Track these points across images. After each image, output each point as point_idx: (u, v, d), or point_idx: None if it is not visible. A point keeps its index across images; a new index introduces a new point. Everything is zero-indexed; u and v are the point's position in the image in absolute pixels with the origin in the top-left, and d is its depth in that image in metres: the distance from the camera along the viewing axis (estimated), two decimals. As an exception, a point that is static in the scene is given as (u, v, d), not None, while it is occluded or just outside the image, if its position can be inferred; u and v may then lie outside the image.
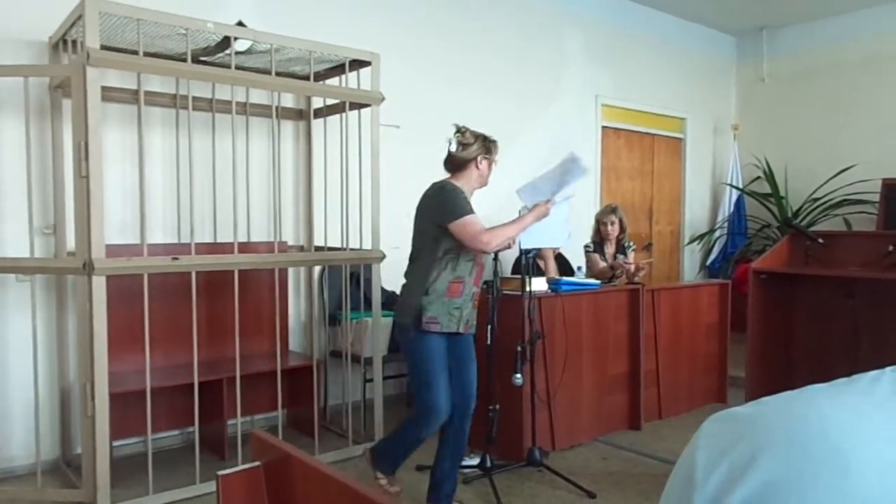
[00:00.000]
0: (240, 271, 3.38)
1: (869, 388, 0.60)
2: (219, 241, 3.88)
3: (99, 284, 2.87)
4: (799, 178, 6.73)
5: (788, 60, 7.11)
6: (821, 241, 3.67)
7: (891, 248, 3.08)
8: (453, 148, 3.20)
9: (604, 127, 6.28)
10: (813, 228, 5.54)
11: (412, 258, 3.11)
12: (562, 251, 4.92)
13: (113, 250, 3.11)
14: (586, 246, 4.88)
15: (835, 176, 6.36)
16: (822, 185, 6.43)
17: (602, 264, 4.71)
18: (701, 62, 7.22)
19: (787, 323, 3.83)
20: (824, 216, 6.43)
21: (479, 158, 3.16)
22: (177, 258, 3.14)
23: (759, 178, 6.98)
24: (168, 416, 3.75)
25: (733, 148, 7.13)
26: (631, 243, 4.87)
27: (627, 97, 6.46)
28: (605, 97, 6.24)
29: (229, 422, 3.72)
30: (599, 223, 4.82)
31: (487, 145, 3.22)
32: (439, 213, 3.01)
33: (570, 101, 5.99)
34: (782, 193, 6.74)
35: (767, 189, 6.84)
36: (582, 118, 6.11)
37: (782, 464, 0.57)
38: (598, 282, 4.25)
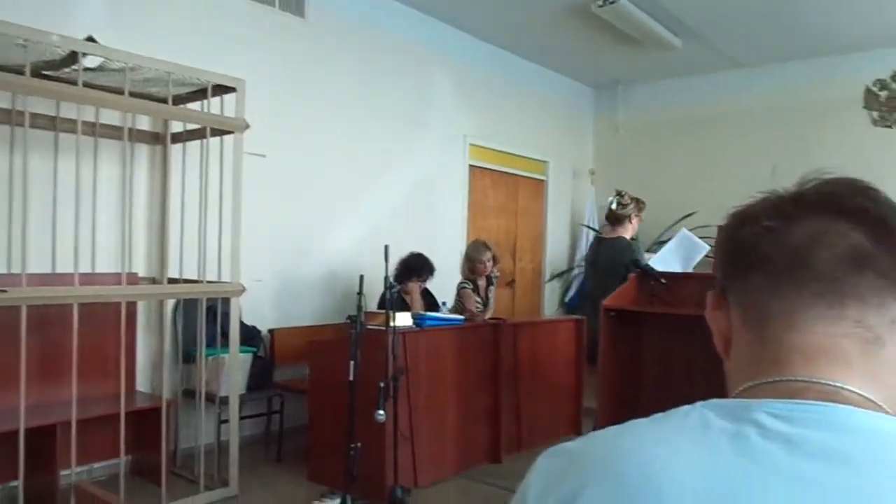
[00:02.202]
0: (82, 305, 3.11)
1: (681, 423, 0.63)
2: (58, 271, 3.55)
3: None
4: (648, 223, 7.21)
5: (641, 114, 7.69)
6: (664, 281, 3.98)
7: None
8: (614, 206, 4.52)
9: (471, 166, 6.45)
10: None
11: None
12: (428, 286, 4.97)
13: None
14: (462, 283, 4.96)
15: (679, 221, 6.89)
16: (668, 229, 6.94)
17: (476, 299, 4.82)
18: (563, 109, 7.65)
19: (635, 357, 4.07)
20: (670, 258, 6.93)
21: (632, 216, 4.53)
22: (3, 290, 2.84)
23: (613, 220, 7.45)
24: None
25: (590, 191, 7.56)
26: (497, 273, 5.02)
27: (494, 138, 6.70)
28: (472, 137, 6.44)
29: (63, 472, 3.36)
30: (475, 262, 4.90)
31: (640, 206, 4.59)
32: (630, 258, 4.30)
33: (439, 138, 6.12)
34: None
35: (620, 231, 7.31)
36: (450, 156, 6.25)
37: (604, 495, 0.59)
38: (461, 317, 4.31)
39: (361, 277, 3.55)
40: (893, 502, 0.52)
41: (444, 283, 5.14)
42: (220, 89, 3.70)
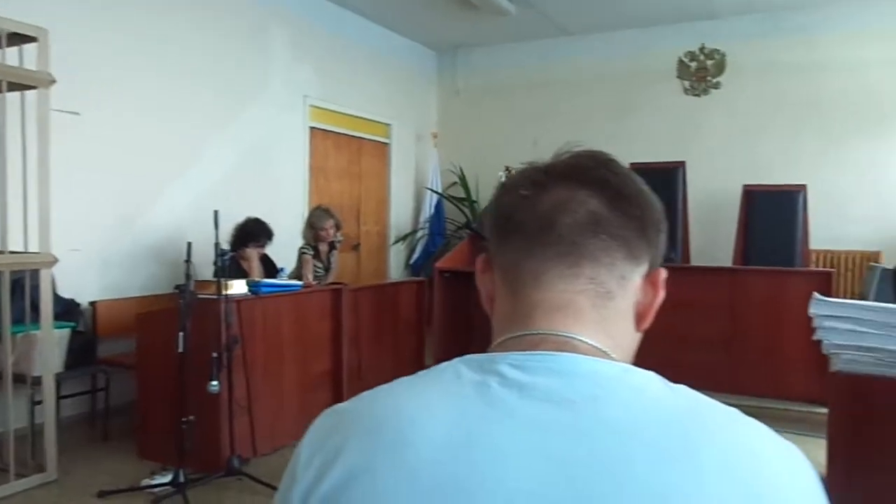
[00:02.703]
0: None
1: (438, 377, 0.68)
2: None
3: None
4: (489, 185, 7.48)
5: (480, 78, 7.87)
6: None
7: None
8: (503, 180, 4.34)
9: (312, 128, 6.31)
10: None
11: None
12: (268, 252, 4.85)
13: None
14: (302, 248, 4.88)
15: (516, 183, 7.20)
16: (506, 191, 7.23)
17: (317, 264, 4.77)
18: (406, 72, 7.66)
19: (468, 318, 4.24)
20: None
21: None
22: None
23: (455, 183, 7.63)
24: None
25: (433, 154, 7.68)
26: (340, 237, 5.00)
27: (336, 100, 6.58)
28: (313, 98, 6.28)
29: None
30: (318, 230, 4.85)
31: None
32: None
33: (276, 99, 5.92)
34: (474, 198, 7.45)
35: (462, 194, 7.50)
36: (289, 117, 6.07)
37: (361, 451, 0.62)
38: (299, 283, 4.26)
39: (189, 245, 3.41)
40: (601, 433, 0.59)
41: (286, 248, 5.03)
42: (18, 38, 3.33)
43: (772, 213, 5.83)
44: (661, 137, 6.81)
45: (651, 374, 0.67)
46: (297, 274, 4.76)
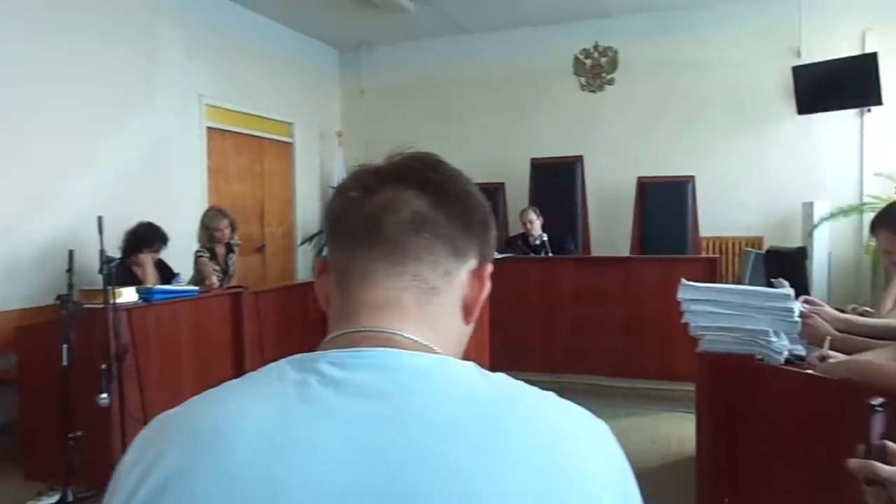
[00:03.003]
0: None
1: (263, 378, 0.69)
2: None
3: None
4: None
5: (384, 76, 7.85)
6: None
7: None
8: None
9: (209, 128, 6.13)
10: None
11: None
12: (163, 257, 4.68)
13: None
14: (198, 252, 4.74)
15: (422, 180, 7.23)
16: (412, 189, 7.25)
17: (215, 268, 4.64)
18: (307, 70, 7.55)
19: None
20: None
21: None
22: None
23: (362, 182, 7.58)
24: None
25: (339, 154, 7.61)
26: (238, 240, 4.89)
27: (234, 99, 6.42)
28: (209, 98, 6.10)
29: None
30: (212, 230, 4.72)
31: None
32: None
33: (170, 99, 5.70)
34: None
35: (368, 192, 7.47)
36: (184, 118, 5.87)
37: (179, 456, 0.62)
38: (195, 288, 4.14)
39: (71, 253, 3.28)
40: (416, 424, 0.61)
41: (186, 254, 4.88)
42: None
43: (664, 204, 6.12)
44: (560, 133, 7.00)
45: (469, 364, 0.70)
46: (198, 279, 4.62)
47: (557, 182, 6.49)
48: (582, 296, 5.18)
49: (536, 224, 5.71)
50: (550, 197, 6.27)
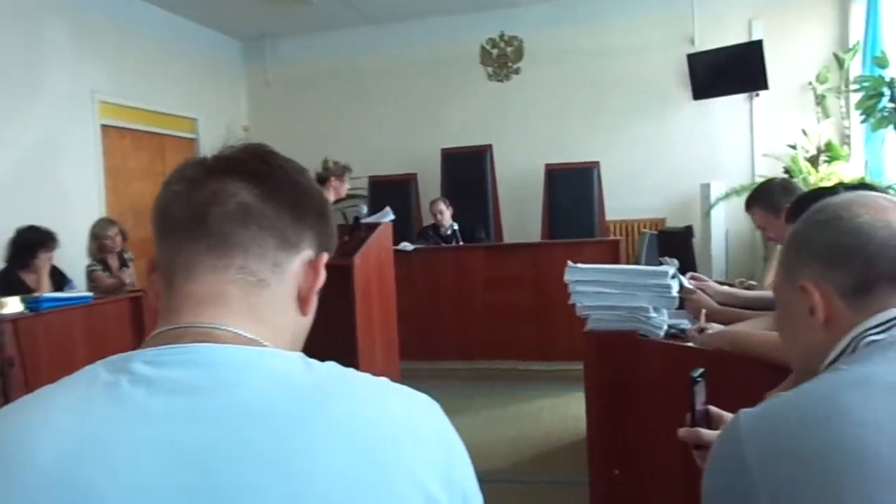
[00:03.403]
0: None
1: (73, 382, 0.67)
2: None
3: None
4: (306, 176, 7.36)
5: (290, 68, 7.68)
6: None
7: (346, 237, 3.60)
8: (320, 171, 4.59)
9: (104, 126, 5.85)
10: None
11: None
12: (61, 265, 4.46)
13: None
14: (90, 266, 4.55)
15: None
16: (324, 183, 7.15)
17: (109, 280, 4.44)
18: (210, 64, 7.31)
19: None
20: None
21: (331, 179, 4.69)
22: None
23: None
24: None
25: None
26: (130, 254, 4.72)
27: (131, 95, 6.15)
28: (103, 94, 5.82)
29: None
30: (102, 238, 4.55)
31: (340, 170, 4.76)
32: None
33: (59, 96, 5.40)
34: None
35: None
36: (75, 115, 5.57)
37: None
38: (88, 294, 3.96)
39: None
40: (229, 418, 0.61)
41: (83, 260, 4.66)
42: None
43: (572, 190, 6.27)
44: (469, 123, 7.05)
45: (294, 355, 0.70)
46: (102, 290, 4.42)
47: (468, 171, 6.54)
48: (494, 283, 5.26)
49: (447, 214, 5.76)
50: (462, 186, 6.32)
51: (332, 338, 3.66)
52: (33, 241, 4.20)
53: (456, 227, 5.68)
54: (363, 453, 0.61)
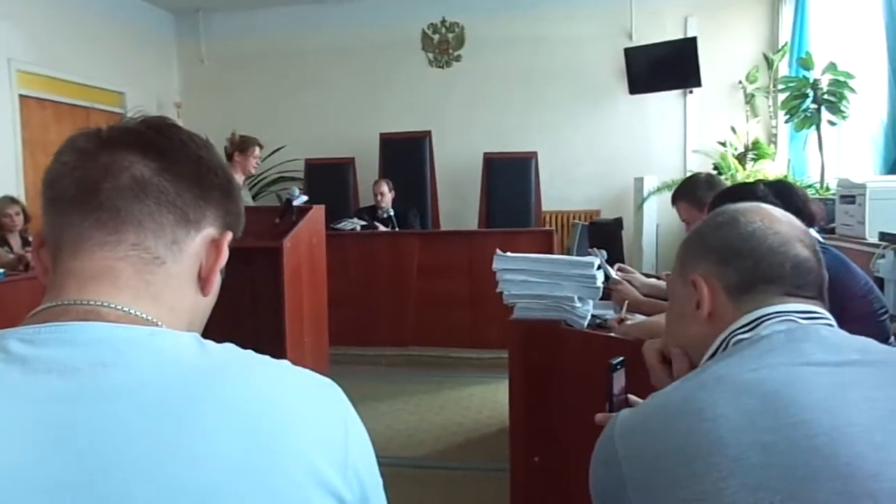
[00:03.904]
0: None
1: None
2: None
3: None
4: (241, 157, 7.17)
5: (226, 45, 7.44)
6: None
7: (277, 220, 3.52)
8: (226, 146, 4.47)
9: (23, 96, 5.55)
10: (253, 205, 5.99)
11: None
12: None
13: None
14: None
15: (269, 155, 6.98)
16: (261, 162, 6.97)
17: (9, 257, 4.23)
18: (139, 36, 7.01)
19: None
20: (264, 192, 7.02)
21: (234, 154, 4.50)
22: None
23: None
24: None
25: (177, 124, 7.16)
26: (30, 235, 4.52)
27: (53, 65, 5.85)
28: (21, 63, 5.51)
29: None
30: (0, 216, 4.34)
31: (244, 144, 4.58)
32: None
33: (-29, 63, 5.10)
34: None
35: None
36: (-10, 84, 5.27)
37: None
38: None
39: None
40: (106, 399, 0.58)
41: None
42: None
43: (509, 179, 6.30)
44: (409, 108, 6.99)
45: (188, 335, 0.68)
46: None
47: (407, 157, 6.49)
48: (428, 270, 5.25)
49: (388, 197, 5.71)
50: (400, 172, 6.26)
51: (258, 321, 3.59)
52: None
53: (392, 212, 5.64)
54: (251, 436, 0.60)
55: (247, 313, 3.46)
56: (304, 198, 3.92)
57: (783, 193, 1.94)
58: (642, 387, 1.13)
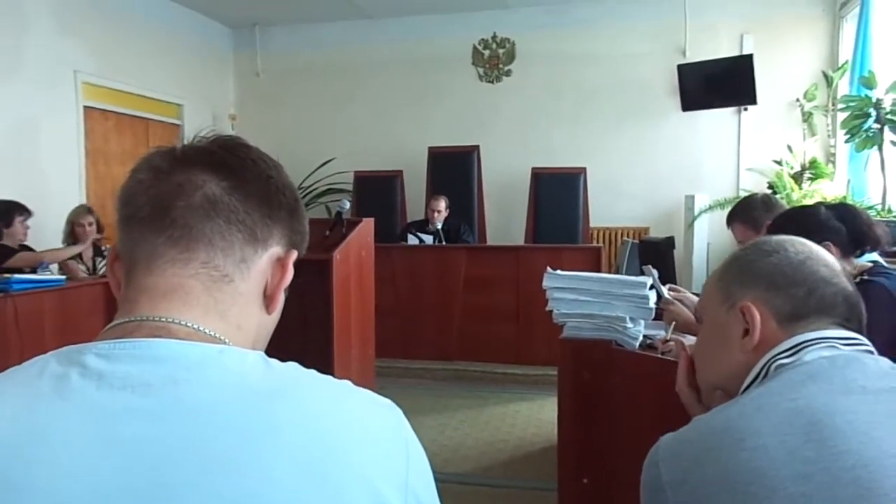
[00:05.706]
0: None
1: (23, 372, 0.65)
2: None
3: None
4: (292, 169, 7.19)
5: (280, 58, 7.62)
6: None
7: (327, 232, 3.56)
8: None
9: (87, 107, 5.77)
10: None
11: None
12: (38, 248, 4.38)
13: None
14: None
15: (319, 167, 7.10)
16: (309, 175, 7.10)
17: (81, 268, 4.37)
18: (197, 50, 7.22)
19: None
20: (313, 203, 7.13)
21: None
22: None
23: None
24: None
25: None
26: (105, 245, 4.65)
27: (116, 77, 6.06)
28: (86, 75, 5.73)
29: None
30: (74, 225, 4.48)
31: None
32: None
33: (39, 75, 5.31)
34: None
35: (265, 178, 7.26)
36: (57, 95, 5.48)
37: None
38: (61, 277, 3.90)
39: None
40: (179, 416, 0.59)
41: (57, 244, 4.58)
42: None
43: (557, 194, 6.26)
44: (457, 122, 7.03)
45: (253, 354, 0.68)
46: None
47: (455, 171, 6.51)
48: (475, 284, 5.24)
49: (443, 214, 5.71)
50: (448, 186, 6.28)
51: (307, 332, 3.63)
52: (6, 209, 4.13)
53: (439, 225, 5.66)
54: (312, 458, 0.60)
55: (296, 324, 3.50)
56: (347, 204, 3.96)
57: (846, 216, 1.88)
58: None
